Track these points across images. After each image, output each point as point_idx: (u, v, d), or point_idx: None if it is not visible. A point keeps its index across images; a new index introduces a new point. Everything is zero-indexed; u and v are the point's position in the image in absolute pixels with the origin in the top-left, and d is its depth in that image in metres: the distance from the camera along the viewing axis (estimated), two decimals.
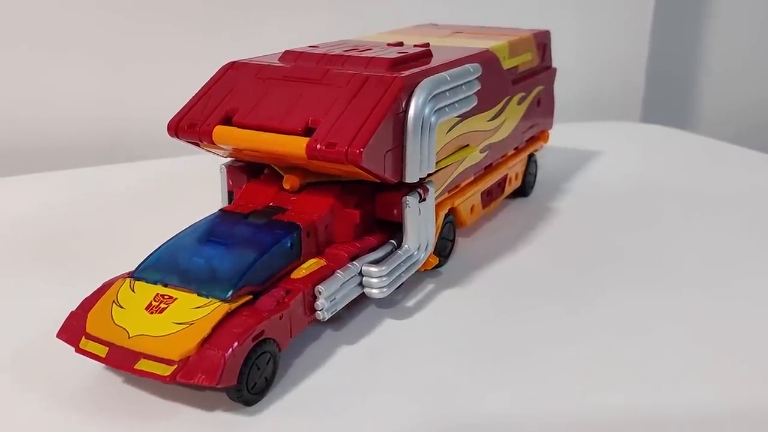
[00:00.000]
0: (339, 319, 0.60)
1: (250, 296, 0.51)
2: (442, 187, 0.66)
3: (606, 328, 0.59)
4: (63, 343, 0.51)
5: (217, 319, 0.48)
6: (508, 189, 0.83)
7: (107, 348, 0.48)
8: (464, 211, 0.72)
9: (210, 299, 0.49)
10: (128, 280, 0.52)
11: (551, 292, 0.65)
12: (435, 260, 0.65)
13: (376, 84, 0.57)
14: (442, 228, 0.68)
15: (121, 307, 0.50)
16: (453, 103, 0.62)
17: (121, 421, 0.48)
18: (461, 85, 0.63)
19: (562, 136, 1.16)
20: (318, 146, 0.54)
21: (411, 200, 0.59)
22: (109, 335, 0.49)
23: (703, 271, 0.69)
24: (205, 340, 0.47)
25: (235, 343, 0.47)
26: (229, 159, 0.66)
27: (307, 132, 0.55)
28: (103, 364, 0.50)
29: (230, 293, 0.49)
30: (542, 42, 0.86)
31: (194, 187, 0.70)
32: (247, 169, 0.65)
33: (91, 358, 0.49)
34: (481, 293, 0.65)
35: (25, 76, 1.12)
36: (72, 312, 0.52)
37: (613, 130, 1.27)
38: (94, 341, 0.49)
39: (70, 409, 0.49)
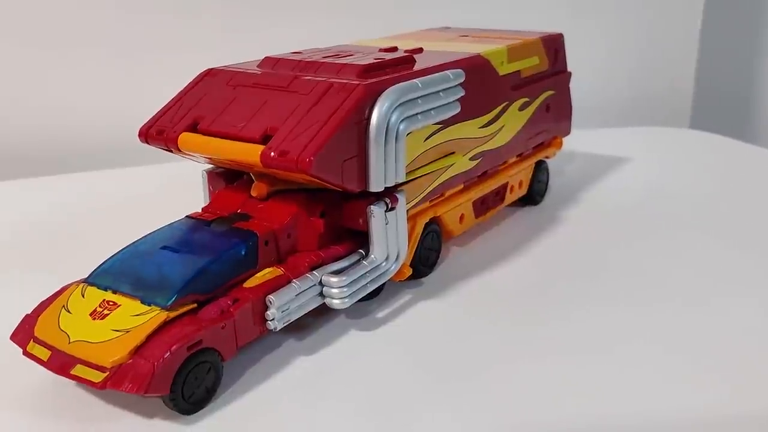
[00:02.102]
0: (304, 327, 0.60)
1: (194, 305, 0.51)
2: (421, 196, 0.64)
3: (577, 346, 0.57)
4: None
5: (153, 327, 0.48)
6: (510, 197, 0.80)
7: (50, 352, 0.49)
8: (451, 220, 0.70)
9: (151, 307, 0.49)
10: (81, 285, 0.53)
11: (531, 308, 0.63)
12: (408, 271, 0.63)
13: (338, 91, 0.56)
14: (424, 238, 0.66)
15: (69, 312, 0.51)
16: (428, 110, 0.61)
17: (57, 423, 0.49)
18: (438, 92, 0.61)
19: (596, 141, 1.13)
20: (272, 154, 0.53)
21: (376, 210, 0.58)
22: (53, 339, 0.49)
23: (694, 290, 0.65)
24: (139, 348, 0.47)
25: (167, 353, 0.47)
26: (211, 165, 0.66)
27: (265, 140, 0.55)
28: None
29: (171, 301, 0.49)
30: (553, 46, 0.83)
31: (195, 191, 0.70)
32: (226, 175, 0.65)
33: (35, 361, 0.49)
34: (457, 306, 0.63)
35: (25, 81, 1.14)
36: (26, 315, 0.53)
37: (655, 136, 1.22)
38: (40, 345, 0.50)
39: (9, 412, 0.50)
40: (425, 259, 0.67)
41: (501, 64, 0.73)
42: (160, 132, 0.59)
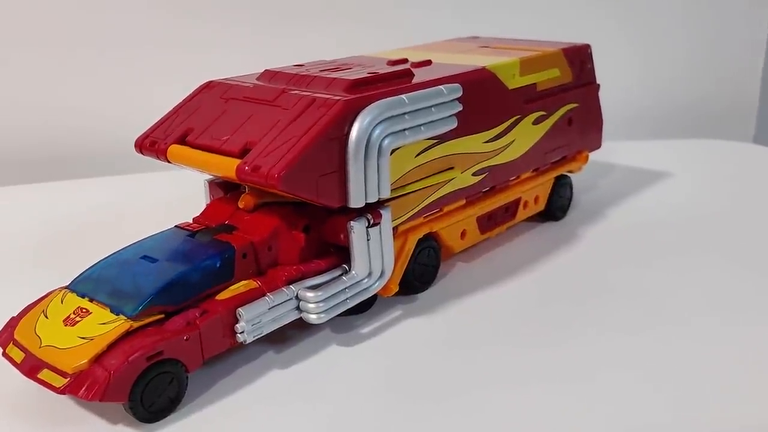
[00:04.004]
0: (286, 339, 0.60)
1: (161, 315, 0.52)
2: (412, 212, 0.64)
3: (560, 374, 0.55)
4: None
5: (115, 336, 0.49)
6: (523, 213, 0.78)
7: (24, 355, 0.51)
8: (450, 236, 0.69)
9: (119, 316, 0.51)
10: (63, 291, 0.55)
11: (521, 331, 0.61)
12: (395, 287, 0.63)
13: (318, 106, 0.56)
14: (418, 253, 0.66)
15: (46, 317, 0.53)
16: (417, 126, 0.60)
17: (23, 425, 0.51)
18: (429, 107, 0.61)
19: (642, 153, 1.09)
20: (246, 168, 0.54)
21: (356, 225, 0.58)
22: (28, 343, 0.51)
23: (700, 319, 0.62)
24: (99, 356, 0.48)
25: (124, 362, 0.48)
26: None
27: (243, 154, 0.56)
28: None
29: (136, 311, 0.50)
30: (578, 57, 0.81)
31: (200, 200, 0.72)
32: (224, 186, 0.66)
33: (11, 363, 0.51)
34: (446, 325, 0.62)
35: (29, 84, 1.15)
36: (12, 317, 0.55)
37: (709, 149, 1.16)
38: (18, 347, 0.52)
39: None
40: (420, 275, 0.67)
41: (512, 77, 0.72)
42: (153, 143, 0.61)
